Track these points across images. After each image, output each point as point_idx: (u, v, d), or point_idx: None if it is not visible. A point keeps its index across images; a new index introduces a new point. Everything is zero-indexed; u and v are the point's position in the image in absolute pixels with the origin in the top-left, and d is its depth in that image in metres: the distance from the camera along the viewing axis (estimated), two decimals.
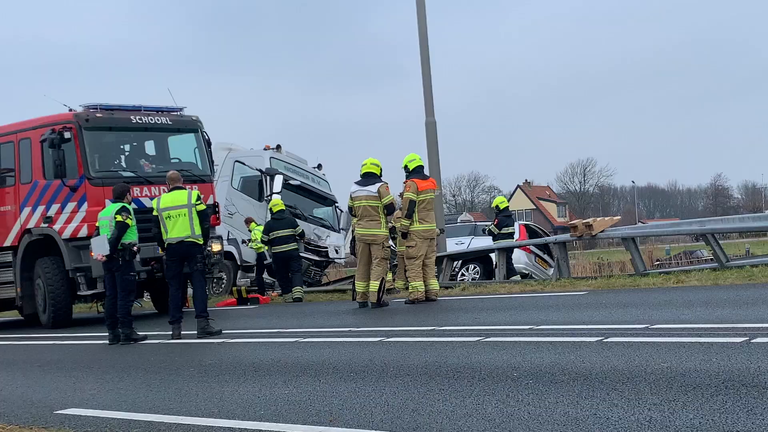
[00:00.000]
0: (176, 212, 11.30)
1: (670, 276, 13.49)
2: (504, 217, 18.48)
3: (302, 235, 17.93)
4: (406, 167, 13.47)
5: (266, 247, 17.84)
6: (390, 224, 13.67)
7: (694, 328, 7.54)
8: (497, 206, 18.99)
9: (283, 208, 17.64)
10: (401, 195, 13.53)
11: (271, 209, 17.66)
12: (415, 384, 6.31)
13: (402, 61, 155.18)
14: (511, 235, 18.31)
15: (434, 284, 13.34)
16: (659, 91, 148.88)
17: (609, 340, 7.34)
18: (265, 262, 18.69)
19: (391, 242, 14.47)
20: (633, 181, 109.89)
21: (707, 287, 11.58)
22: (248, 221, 19.67)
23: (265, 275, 19.70)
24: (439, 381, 6.31)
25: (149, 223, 11.90)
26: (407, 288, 14.01)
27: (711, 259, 18.24)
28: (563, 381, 5.84)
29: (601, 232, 15.87)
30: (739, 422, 4.41)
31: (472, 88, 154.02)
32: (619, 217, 19.91)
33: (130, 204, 11.78)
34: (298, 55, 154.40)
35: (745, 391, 5.03)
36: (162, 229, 11.37)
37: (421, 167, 13.57)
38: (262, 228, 17.92)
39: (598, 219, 16.63)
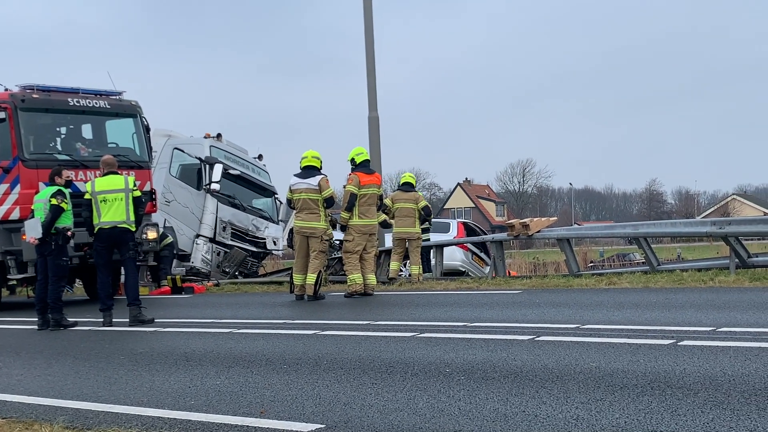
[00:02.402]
0: (113, 196, 11.11)
1: (602, 277, 13.71)
2: None
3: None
4: (352, 160, 13.46)
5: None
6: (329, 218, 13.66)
7: (623, 329, 7.69)
8: None
9: None
10: (344, 187, 13.54)
11: None
12: (348, 378, 6.32)
13: (348, 53, 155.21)
14: (426, 231, 18.36)
15: (372, 279, 13.37)
16: (599, 96, 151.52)
17: (541, 338, 7.44)
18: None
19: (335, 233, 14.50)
20: (570, 183, 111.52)
21: (638, 289, 11.80)
22: None
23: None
24: (372, 375, 6.33)
25: (82, 207, 11.67)
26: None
27: (643, 263, 18.58)
28: (494, 378, 5.91)
29: (538, 232, 16.07)
30: (663, 422, 4.51)
31: (416, 84, 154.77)
32: (555, 218, 20.15)
33: (67, 188, 11.55)
34: (243, 43, 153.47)
35: (670, 392, 5.15)
36: (94, 213, 11.16)
37: (367, 161, 13.58)
38: None
39: (535, 219, 16.83)
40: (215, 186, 20.22)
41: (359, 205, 13.15)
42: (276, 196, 23.25)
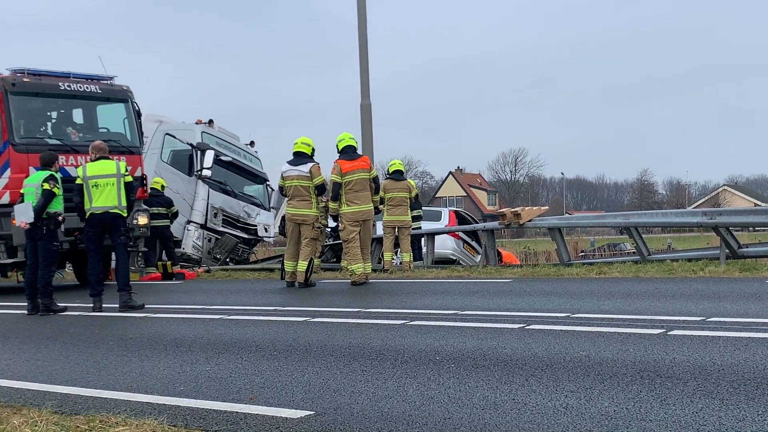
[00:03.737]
0: (104, 181, 11.07)
1: (593, 267, 13.74)
2: None
3: (176, 215, 18.56)
4: (337, 147, 13.40)
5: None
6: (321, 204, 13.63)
7: (613, 319, 7.70)
8: None
9: (158, 186, 18.10)
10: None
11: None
12: (338, 365, 6.32)
13: (341, 40, 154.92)
14: (417, 219, 18.32)
15: (367, 267, 13.32)
16: (591, 85, 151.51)
17: (531, 327, 7.45)
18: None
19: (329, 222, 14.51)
20: (562, 173, 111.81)
21: (628, 279, 11.83)
22: None
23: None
24: (363, 362, 6.33)
25: (73, 192, 11.63)
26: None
27: (633, 252, 18.62)
28: (484, 366, 5.91)
29: (529, 221, 16.09)
30: (652, 411, 4.51)
31: (410, 72, 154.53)
32: (546, 207, 20.18)
33: (57, 172, 11.51)
34: (236, 29, 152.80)
35: (660, 381, 5.15)
36: (85, 198, 11.12)
37: (349, 147, 13.17)
38: None
39: (527, 208, 16.84)
40: (207, 172, 20.20)
41: (345, 193, 13.01)
42: (267, 182, 23.24)
